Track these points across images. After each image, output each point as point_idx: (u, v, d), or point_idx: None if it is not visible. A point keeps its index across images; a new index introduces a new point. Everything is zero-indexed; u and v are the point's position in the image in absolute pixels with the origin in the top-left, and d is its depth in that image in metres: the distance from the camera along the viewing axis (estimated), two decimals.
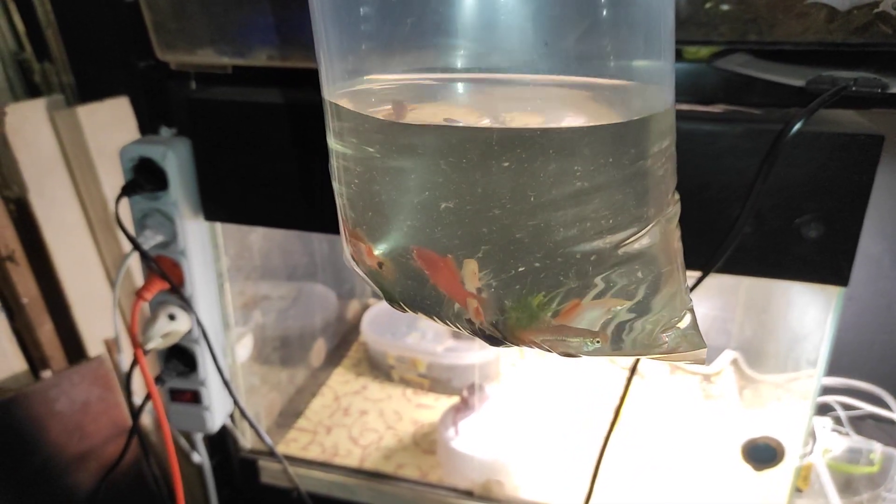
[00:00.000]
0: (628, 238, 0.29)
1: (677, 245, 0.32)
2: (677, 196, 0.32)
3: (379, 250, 0.32)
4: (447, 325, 0.32)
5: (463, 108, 0.30)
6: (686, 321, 0.31)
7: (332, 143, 0.33)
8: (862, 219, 0.46)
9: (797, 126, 0.42)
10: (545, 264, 0.29)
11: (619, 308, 0.29)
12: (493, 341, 0.32)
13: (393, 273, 0.32)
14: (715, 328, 0.90)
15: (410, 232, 0.31)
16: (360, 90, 0.31)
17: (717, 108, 0.49)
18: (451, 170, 0.29)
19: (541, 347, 0.31)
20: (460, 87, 0.29)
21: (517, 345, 0.32)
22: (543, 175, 0.28)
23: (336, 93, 0.32)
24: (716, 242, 0.48)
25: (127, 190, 0.55)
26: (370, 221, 0.32)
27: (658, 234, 0.30)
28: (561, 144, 0.28)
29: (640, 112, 0.29)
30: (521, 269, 0.29)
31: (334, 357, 0.92)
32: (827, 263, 0.48)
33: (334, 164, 0.33)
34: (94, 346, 0.85)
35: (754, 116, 0.48)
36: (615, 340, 0.30)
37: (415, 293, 0.33)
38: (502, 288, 0.30)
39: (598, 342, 0.30)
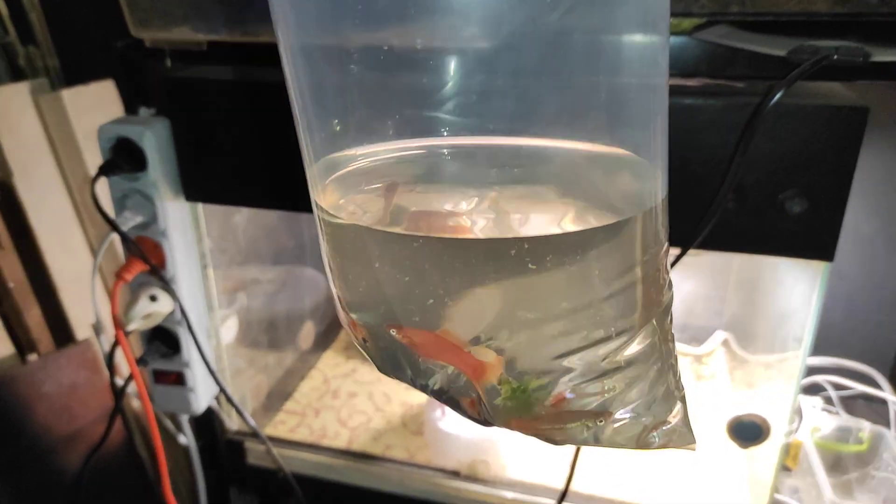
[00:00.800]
0: (617, 347, 0.28)
1: (670, 342, 0.30)
2: (670, 280, 0.30)
3: (360, 323, 0.31)
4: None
5: (455, 188, 0.29)
6: (677, 416, 0.30)
7: (316, 210, 0.31)
8: (847, 193, 0.45)
9: (777, 96, 0.41)
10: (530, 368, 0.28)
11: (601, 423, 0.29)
12: (485, 423, 0.31)
13: (376, 347, 0.31)
14: (706, 308, 0.90)
15: (388, 314, 0.30)
16: (345, 173, 0.30)
17: (697, 82, 0.48)
18: (440, 272, 0.27)
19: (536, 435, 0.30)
20: (451, 163, 0.28)
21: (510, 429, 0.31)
22: (533, 288, 0.27)
23: (319, 175, 0.30)
24: (697, 219, 0.47)
25: (104, 170, 0.55)
26: (352, 297, 0.31)
27: (649, 334, 0.29)
28: (554, 252, 0.27)
29: (636, 199, 0.28)
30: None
31: (324, 340, 0.92)
32: (812, 238, 0.47)
33: (318, 223, 0.31)
34: (82, 329, 0.85)
35: (736, 89, 0.47)
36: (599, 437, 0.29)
37: (397, 364, 0.31)
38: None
39: (600, 421, 0.29)
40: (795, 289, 0.57)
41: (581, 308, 0.27)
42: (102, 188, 0.55)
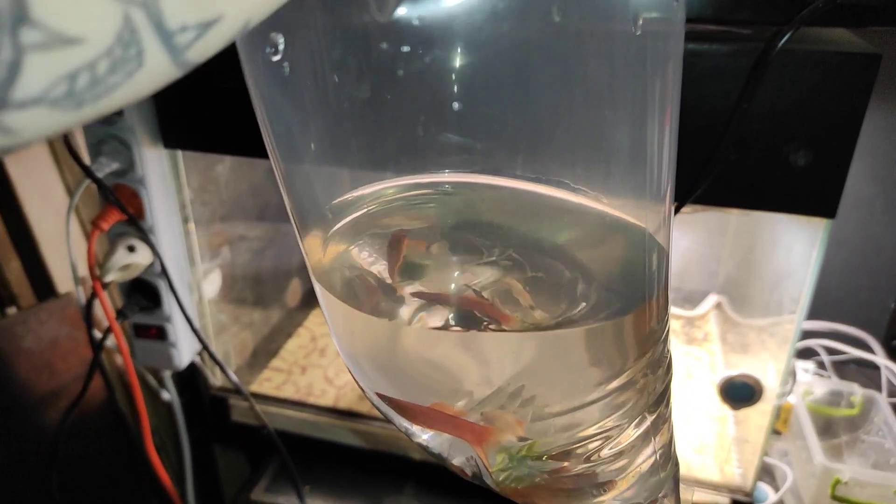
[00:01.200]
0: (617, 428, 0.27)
1: (669, 419, 0.30)
2: (670, 359, 0.29)
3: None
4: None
5: (463, 251, 0.27)
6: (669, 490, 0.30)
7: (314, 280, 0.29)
8: (853, 145, 0.43)
9: (784, 39, 0.39)
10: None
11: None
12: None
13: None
14: (701, 269, 0.88)
15: (377, 384, 0.29)
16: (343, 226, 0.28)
17: (701, 27, 0.46)
18: (444, 359, 0.27)
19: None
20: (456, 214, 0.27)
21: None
22: (539, 372, 0.26)
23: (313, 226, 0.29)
24: (696, 172, 0.45)
25: None
26: (342, 351, 0.30)
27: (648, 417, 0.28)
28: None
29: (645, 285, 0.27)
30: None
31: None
32: (814, 193, 0.45)
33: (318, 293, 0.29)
34: (63, 283, 0.83)
35: (742, 35, 0.45)
36: None
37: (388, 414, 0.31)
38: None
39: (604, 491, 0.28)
40: (794, 248, 0.56)
41: (588, 392, 0.26)
42: (78, 134, 0.53)
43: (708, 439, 0.68)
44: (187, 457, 0.69)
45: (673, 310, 0.89)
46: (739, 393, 0.54)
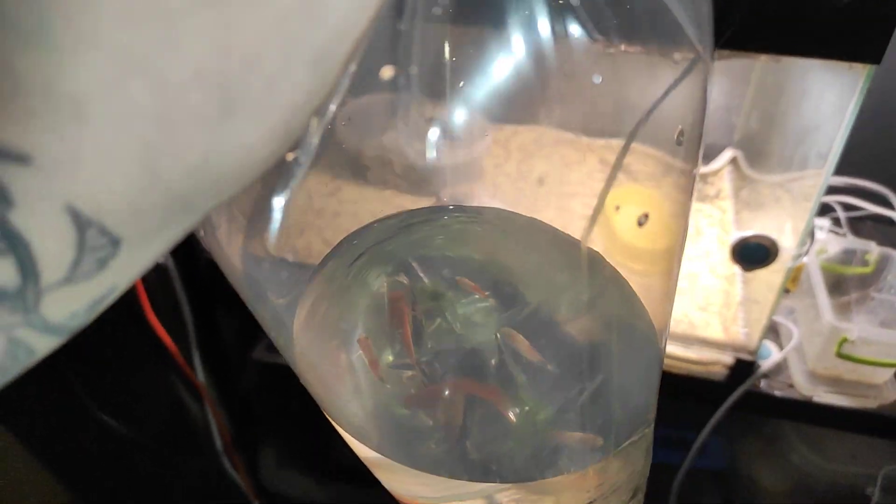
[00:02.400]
0: None
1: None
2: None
3: None
4: None
5: None
6: None
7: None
8: None
9: None
10: None
11: None
12: None
13: None
14: (717, 122, 0.83)
15: None
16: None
17: None
18: None
19: None
20: None
21: None
22: None
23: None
24: (721, 13, 0.40)
25: None
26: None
27: None
28: None
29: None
30: None
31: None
32: (858, 35, 0.40)
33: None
34: None
35: None
36: None
37: None
38: None
39: None
40: (825, 97, 0.51)
41: None
42: None
43: (714, 297, 0.67)
44: (189, 321, 0.68)
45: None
46: (753, 254, 0.51)
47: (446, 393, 0.26)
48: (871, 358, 0.57)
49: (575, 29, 0.18)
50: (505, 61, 0.19)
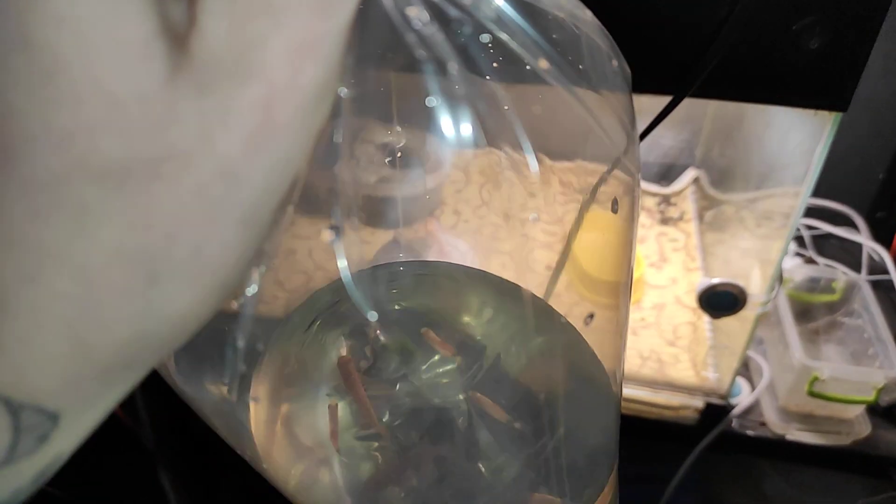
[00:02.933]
0: None
1: None
2: None
3: None
4: None
5: None
6: None
7: None
8: (880, 24, 0.35)
9: None
10: None
11: None
12: None
13: None
14: (680, 141, 0.81)
15: None
16: None
17: None
18: None
19: None
20: None
21: None
22: None
23: None
24: (692, 58, 0.37)
25: None
26: None
27: None
28: None
29: None
30: None
31: None
32: (826, 83, 0.38)
33: None
34: None
35: None
36: None
37: None
38: None
39: None
40: (789, 138, 0.49)
41: None
42: None
43: (682, 330, 0.65)
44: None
45: (646, 186, 0.83)
46: (721, 301, 0.49)
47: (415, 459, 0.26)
48: (842, 395, 0.56)
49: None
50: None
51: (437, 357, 0.27)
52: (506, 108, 0.19)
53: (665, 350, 0.63)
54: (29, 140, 0.11)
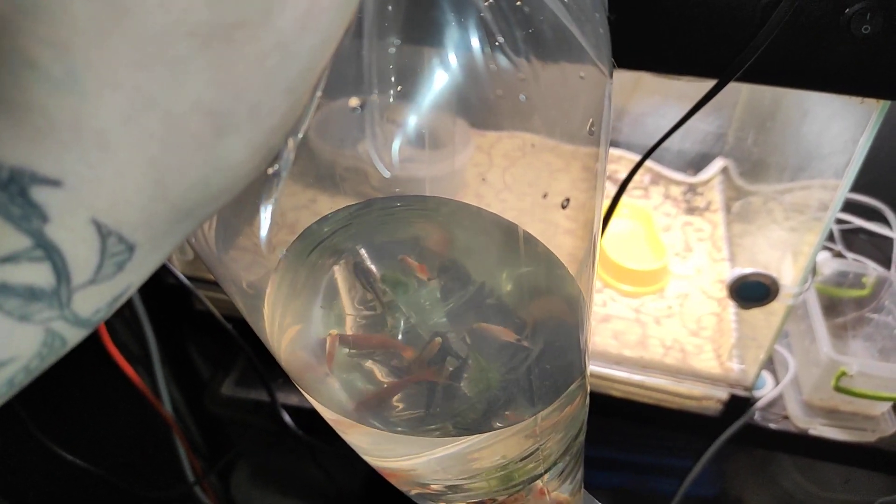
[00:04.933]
0: None
1: None
2: None
3: None
4: None
5: None
6: None
7: None
8: None
9: None
10: None
11: None
12: None
13: None
14: (708, 130, 0.80)
15: None
16: None
17: None
18: None
19: None
20: None
21: None
22: None
23: None
24: (738, 43, 0.36)
25: None
26: None
27: None
28: None
29: None
30: None
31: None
32: (876, 70, 0.37)
33: None
34: None
35: None
36: None
37: None
38: None
39: None
40: (830, 127, 0.48)
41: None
42: None
43: (706, 321, 0.65)
44: (153, 349, 0.64)
45: (673, 175, 0.82)
46: (752, 292, 0.48)
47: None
48: (869, 391, 0.55)
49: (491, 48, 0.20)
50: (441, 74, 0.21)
51: (429, 285, 0.29)
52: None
53: (688, 340, 0.62)
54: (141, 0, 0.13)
